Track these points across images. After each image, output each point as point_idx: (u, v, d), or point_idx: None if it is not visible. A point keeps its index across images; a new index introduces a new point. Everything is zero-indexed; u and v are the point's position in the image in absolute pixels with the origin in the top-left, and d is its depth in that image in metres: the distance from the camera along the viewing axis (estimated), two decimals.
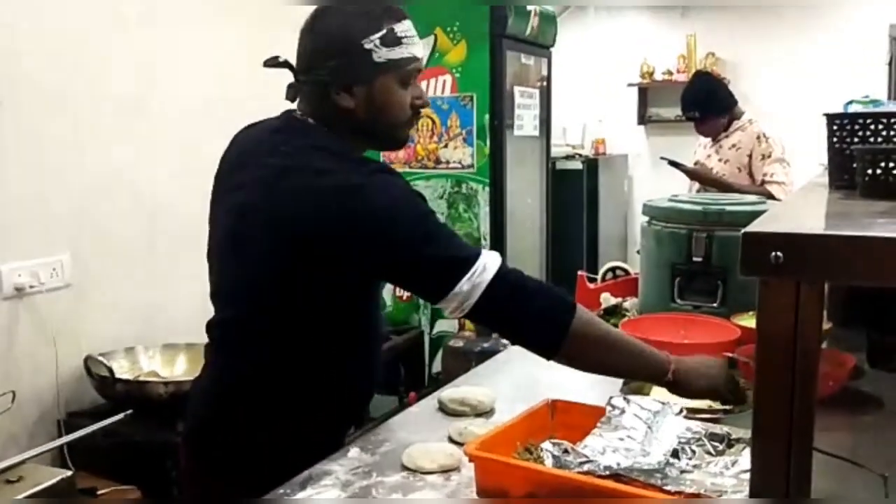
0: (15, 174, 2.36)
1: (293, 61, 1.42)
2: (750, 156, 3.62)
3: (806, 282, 0.74)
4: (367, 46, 1.32)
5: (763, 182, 3.57)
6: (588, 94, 6.12)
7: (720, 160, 3.70)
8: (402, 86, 1.37)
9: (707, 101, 3.70)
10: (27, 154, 2.39)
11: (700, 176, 3.72)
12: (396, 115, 1.38)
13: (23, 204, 2.38)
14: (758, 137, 3.62)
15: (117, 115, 2.65)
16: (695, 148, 4.04)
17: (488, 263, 1.26)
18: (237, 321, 1.40)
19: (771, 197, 3.14)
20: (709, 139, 3.82)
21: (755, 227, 0.77)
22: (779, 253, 0.73)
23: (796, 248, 0.73)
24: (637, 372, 1.42)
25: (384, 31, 1.33)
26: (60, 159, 2.48)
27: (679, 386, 1.36)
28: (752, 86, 5.87)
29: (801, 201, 1.19)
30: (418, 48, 1.39)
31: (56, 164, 2.47)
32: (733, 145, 3.67)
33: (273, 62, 1.41)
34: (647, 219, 2.19)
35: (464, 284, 1.24)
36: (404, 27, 1.36)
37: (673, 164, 3.82)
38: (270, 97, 1.61)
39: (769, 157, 3.60)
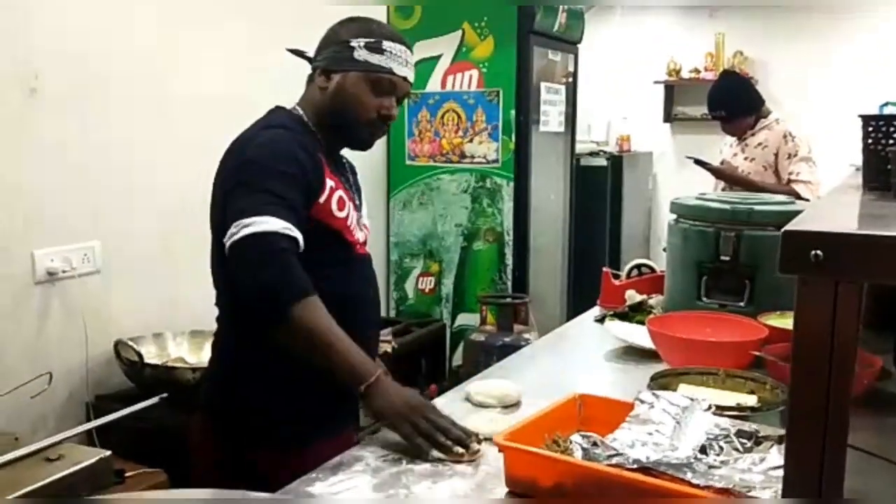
0: (49, 163, 2.40)
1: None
2: (776, 154, 3.62)
3: (845, 281, 0.74)
4: (353, 44, 1.53)
5: (789, 181, 3.56)
6: (614, 90, 6.10)
7: (746, 158, 3.69)
8: (373, 90, 1.54)
9: (734, 101, 3.69)
10: (60, 143, 2.43)
11: (726, 175, 3.72)
12: (358, 112, 1.54)
13: (55, 191, 2.42)
14: (784, 136, 3.62)
15: (145, 106, 2.68)
16: (720, 147, 4.03)
17: (259, 222, 1.36)
18: (217, 294, 1.57)
19: (797, 196, 3.14)
20: (734, 138, 3.82)
21: (795, 225, 0.78)
22: (818, 252, 0.73)
23: (836, 247, 0.73)
24: (336, 372, 1.42)
25: (372, 40, 1.54)
26: (92, 149, 2.52)
27: (368, 400, 1.40)
28: (781, 85, 5.83)
29: (835, 202, 1.19)
30: (401, 68, 1.56)
31: (87, 153, 2.51)
32: (759, 144, 3.67)
33: (295, 51, 1.63)
34: (674, 216, 2.19)
35: (232, 228, 1.38)
36: (396, 48, 1.55)
37: (699, 162, 3.81)
38: (294, 94, 1.65)
39: (795, 155, 3.59)
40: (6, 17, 2.27)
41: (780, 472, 1.11)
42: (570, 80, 4.33)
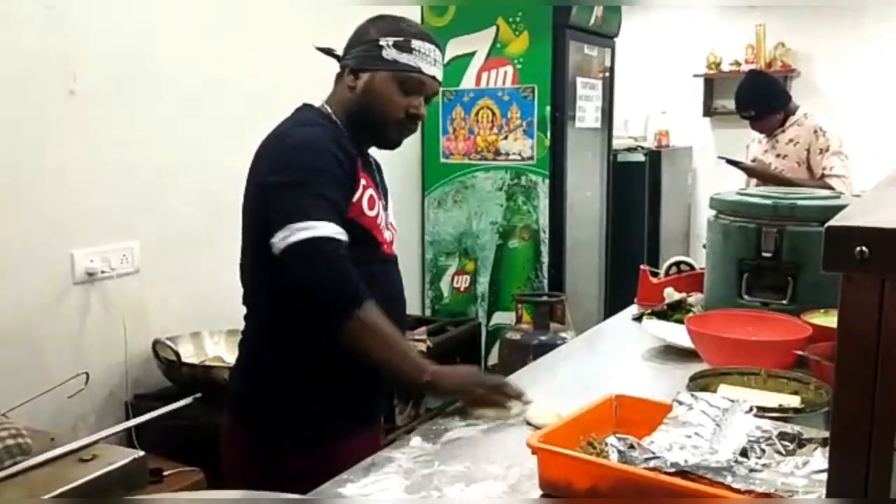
0: (88, 164, 2.43)
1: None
2: (808, 150, 3.59)
3: (891, 278, 0.71)
4: (381, 43, 1.53)
5: (822, 176, 3.53)
6: (652, 84, 6.01)
7: (778, 156, 3.67)
8: (401, 89, 1.54)
9: (763, 100, 3.68)
10: (99, 144, 2.46)
11: (759, 173, 3.69)
12: (387, 112, 1.54)
13: (95, 193, 2.45)
14: (815, 132, 3.59)
15: (182, 106, 2.71)
16: (747, 143, 3.99)
17: (316, 227, 1.39)
18: (247, 293, 1.63)
19: (831, 190, 3.08)
20: (762, 135, 3.80)
21: (839, 220, 0.75)
22: (864, 248, 0.70)
23: (883, 242, 0.70)
24: (401, 368, 1.52)
25: (401, 39, 1.53)
26: (130, 150, 2.55)
27: (436, 388, 1.53)
28: (824, 78, 5.71)
29: (880, 196, 1.14)
30: (430, 67, 1.55)
31: (126, 154, 2.54)
32: (790, 140, 3.64)
33: (324, 49, 1.63)
34: (714, 212, 2.14)
35: (284, 230, 1.40)
36: (425, 46, 1.55)
37: (732, 162, 3.80)
38: (324, 90, 1.65)
39: (827, 150, 3.56)
40: (44, 20, 2.30)
41: (824, 476, 1.07)
42: (607, 74, 4.28)
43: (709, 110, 6.10)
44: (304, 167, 1.44)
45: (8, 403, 1.82)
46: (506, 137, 3.85)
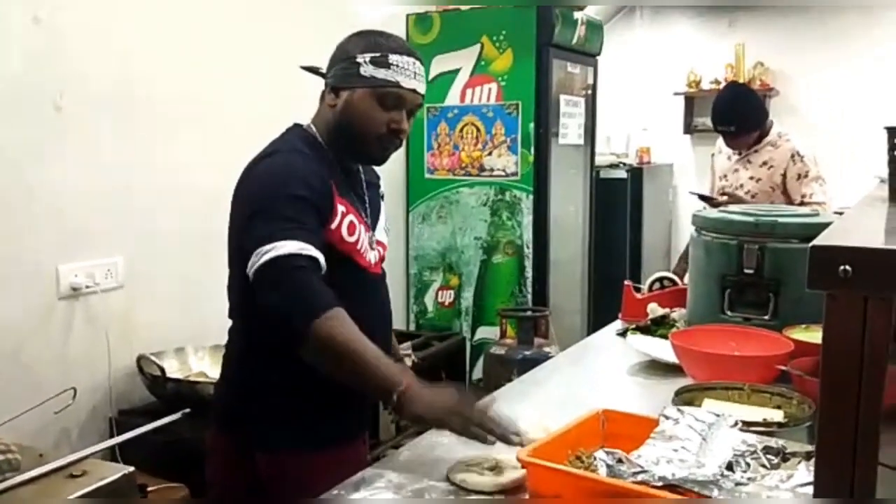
0: (74, 179, 2.43)
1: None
2: (784, 175, 3.43)
3: (874, 296, 0.73)
4: (358, 60, 1.53)
5: (802, 202, 3.38)
6: (633, 102, 6.08)
7: (752, 178, 3.48)
8: (381, 105, 1.53)
9: (743, 114, 3.44)
10: (84, 160, 2.46)
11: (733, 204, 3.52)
12: (367, 128, 1.54)
13: (79, 208, 2.45)
14: (792, 156, 3.43)
15: (169, 125, 2.71)
16: (713, 152, 3.79)
17: (276, 248, 1.39)
18: (232, 308, 1.63)
19: None
20: (731, 150, 3.59)
21: (823, 240, 0.77)
22: (847, 267, 0.72)
23: (866, 262, 0.72)
24: (366, 385, 1.44)
25: (378, 54, 1.53)
26: (115, 166, 2.55)
27: (402, 410, 1.38)
28: (803, 96, 5.79)
29: (862, 215, 1.17)
30: (409, 80, 1.54)
31: (112, 170, 2.53)
32: (765, 163, 3.46)
33: (308, 68, 1.64)
34: (696, 229, 2.17)
35: (253, 257, 1.41)
36: (403, 60, 1.54)
37: (704, 198, 3.58)
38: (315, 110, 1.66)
39: (806, 176, 3.42)
40: (31, 36, 2.30)
41: (808, 489, 1.10)
42: (590, 92, 4.33)
43: (689, 128, 6.17)
44: (274, 195, 1.45)
45: None
46: (490, 153, 3.88)
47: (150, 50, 2.64)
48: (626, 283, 2.58)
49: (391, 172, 3.82)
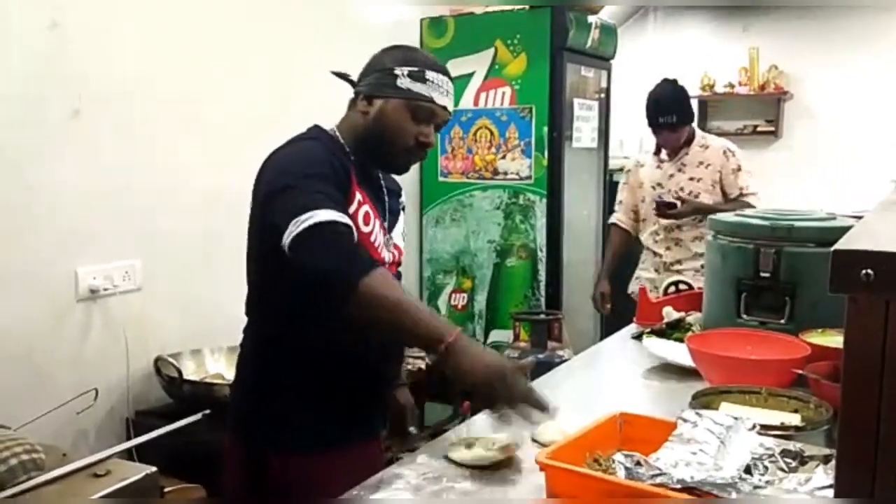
0: (92, 182, 2.45)
1: (355, 70, 1.66)
2: (720, 171, 3.42)
3: None
4: (396, 72, 1.57)
5: (741, 195, 3.39)
6: None
7: (692, 179, 3.42)
8: (413, 117, 1.57)
9: (685, 107, 3.45)
10: (102, 163, 2.48)
11: (691, 211, 3.38)
12: (397, 139, 1.58)
13: (98, 211, 2.47)
14: (724, 153, 3.44)
15: (186, 126, 2.74)
16: (626, 168, 3.70)
17: (315, 215, 1.41)
18: (250, 304, 1.66)
19: (752, 208, 2.99)
20: (656, 158, 3.53)
21: (844, 244, 0.77)
22: (869, 270, 0.73)
23: (888, 265, 0.72)
24: (417, 333, 1.43)
25: (416, 69, 1.57)
26: (134, 168, 2.57)
27: (447, 361, 1.37)
28: (816, 100, 5.77)
29: (882, 219, 1.17)
30: (442, 98, 1.59)
31: (130, 172, 2.56)
32: (701, 163, 3.44)
33: (340, 74, 1.66)
34: (712, 233, 2.17)
35: (290, 227, 1.41)
36: (438, 77, 1.59)
37: (665, 205, 3.39)
38: (329, 115, 1.68)
39: (739, 170, 3.42)
40: (48, 39, 2.33)
41: (827, 493, 1.10)
42: (603, 95, 4.33)
43: (703, 131, 6.15)
44: (298, 173, 1.48)
45: (10, 419, 1.83)
46: (504, 157, 3.89)
47: (169, 51, 2.67)
48: (640, 286, 2.58)
49: (404, 176, 3.80)
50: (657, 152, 3.55)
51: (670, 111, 3.39)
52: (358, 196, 1.56)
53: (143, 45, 2.59)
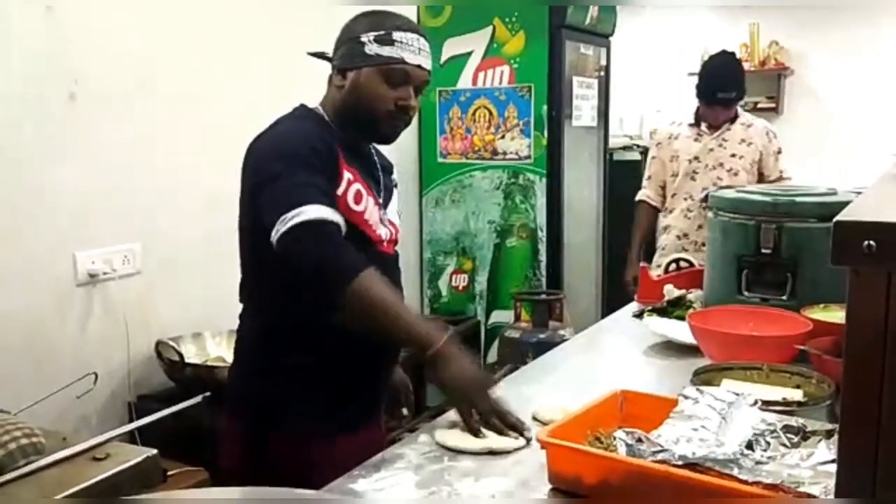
0: (91, 167, 2.44)
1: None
2: (761, 152, 3.36)
3: None
4: (363, 39, 1.54)
5: (780, 178, 3.36)
6: (647, 83, 6.04)
7: (733, 155, 3.34)
8: (388, 82, 1.53)
9: (742, 82, 3.33)
10: (100, 146, 2.47)
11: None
12: (376, 107, 1.54)
13: (96, 194, 2.46)
14: (766, 134, 3.38)
15: (184, 108, 2.71)
16: (660, 140, 3.51)
17: (304, 212, 1.39)
18: (243, 290, 1.66)
19: None
20: (693, 130, 3.42)
21: (846, 216, 0.76)
22: (871, 242, 0.72)
23: (890, 237, 0.71)
24: (406, 337, 1.46)
25: (382, 32, 1.53)
26: (131, 152, 2.55)
27: (429, 369, 1.41)
28: (818, 76, 5.74)
29: (883, 192, 1.16)
30: (413, 56, 1.54)
31: (128, 156, 2.54)
32: (743, 140, 3.36)
33: (316, 54, 1.65)
34: (713, 210, 2.16)
35: (277, 224, 1.40)
36: (407, 36, 1.54)
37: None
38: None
39: (779, 153, 3.39)
40: (44, 23, 2.31)
41: (829, 468, 1.10)
42: (603, 73, 4.30)
43: None
44: (284, 161, 1.46)
45: (11, 403, 1.83)
46: (503, 137, 3.87)
47: (166, 34, 2.64)
48: (641, 265, 2.57)
49: (404, 157, 3.81)
50: (696, 124, 3.41)
51: (729, 87, 3.27)
52: (347, 175, 1.53)
53: (144, 26, 2.57)
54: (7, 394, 2.00)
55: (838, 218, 0.75)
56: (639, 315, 2.26)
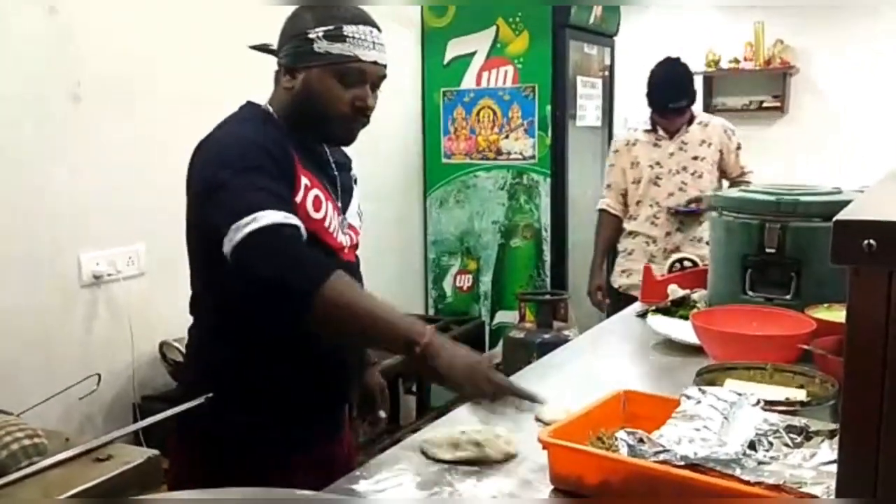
0: (94, 168, 2.45)
1: None
2: (721, 151, 3.31)
3: None
4: (311, 35, 1.41)
5: (742, 174, 3.30)
6: None
7: (695, 157, 3.28)
8: (341, 82, 1.41)
9: (692, 89, 3.28)
10: (104, 148, 2.48)
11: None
12: (330, 109, 1.42)
13: (100, 196, 2.47)
14: (725, 131, 3.32)
15: (187, 109, 2.71)
16: (617, 148, 3.39)
17: (258, 218, 1.26)
18: (192, 302, 1.54)
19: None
20: (651, 136, 3.33)
21: (846, 215, 0.76)
22: (871, 241, 0.71)
23: (890, 236, 0.71)
24: (389, 338, 1.31)
25: (331, 28, 1.40)
26: (134, 153, 2.56)
27: (423, 364, 1.27)
28: (823, 75, 5.71)
29: (885, 191, 1.16)
30: (367, 52, 1.41)
31: (131, 158, 2.55)
32: (703, 141, 3.30)
33: (259, 47, 1.54)
34: (717, 209, 2.15)
35: (230, 232, 1.26)
36: (359, 30, 1.41)
37: (687, 213, 3.26)
38: None
39: (739, 148, 3.33)
40: (47, 26, 2.32)
41: (832, 468, 1.09)
42: (607, 73, 4.30)
43: (708, 108, 6.10)
44: (234, 166, 1.33)
45: (16, 404, 1.83)
46: (507, 137, 3.87)
47: (168, 35, 2.65)
48: (645, 264, 2.57)
49: (408, 157, 3.81)
50: (653, 129, 3.35)
51: (679, 97, 3.21)
52: (304, 181, 1.40)
53: (146, 27, 2.59)
54: (11, 394, 2.00)
55: (838, 217, 0.74)
56: (642, 315, 2.26)
